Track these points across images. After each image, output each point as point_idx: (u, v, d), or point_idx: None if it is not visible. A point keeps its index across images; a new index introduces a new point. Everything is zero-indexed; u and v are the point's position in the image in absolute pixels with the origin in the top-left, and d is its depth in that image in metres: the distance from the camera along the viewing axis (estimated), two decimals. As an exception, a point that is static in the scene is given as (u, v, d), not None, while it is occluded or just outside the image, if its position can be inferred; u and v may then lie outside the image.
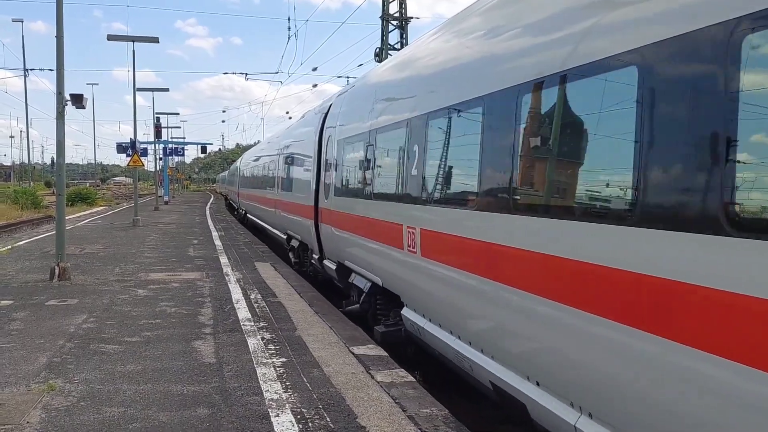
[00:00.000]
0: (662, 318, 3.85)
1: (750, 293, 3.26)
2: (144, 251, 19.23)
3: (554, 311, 4.91)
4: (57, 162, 14.56)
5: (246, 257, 18.08)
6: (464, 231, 6.53)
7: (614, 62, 4.35)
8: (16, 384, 6.81)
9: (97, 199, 60.53)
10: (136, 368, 7.42)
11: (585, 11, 4.86)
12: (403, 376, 7.17)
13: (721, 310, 3.44)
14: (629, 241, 4.10)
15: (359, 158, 10.71)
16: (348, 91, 13.16)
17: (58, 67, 13.95)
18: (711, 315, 3.51)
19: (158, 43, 30.56)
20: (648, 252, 3.95)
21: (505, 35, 6.37)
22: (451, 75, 7.39)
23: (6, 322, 9.67)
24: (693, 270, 3.61)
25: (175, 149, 64.28)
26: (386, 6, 32.34)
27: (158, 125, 48.63)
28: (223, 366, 7.49)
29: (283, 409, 6.10)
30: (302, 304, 11.18)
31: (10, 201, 47.27)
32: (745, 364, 3.29)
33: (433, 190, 7.51)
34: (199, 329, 9.31)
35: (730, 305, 3.39)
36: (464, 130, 6.89)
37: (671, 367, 3.81)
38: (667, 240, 3.80)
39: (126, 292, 12.25)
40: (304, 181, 15.97)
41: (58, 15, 13.84)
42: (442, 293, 7.23)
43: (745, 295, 3.29)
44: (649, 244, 3.94)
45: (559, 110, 5.17)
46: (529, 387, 5.46)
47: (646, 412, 4.03)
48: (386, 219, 9.05)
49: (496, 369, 5.95)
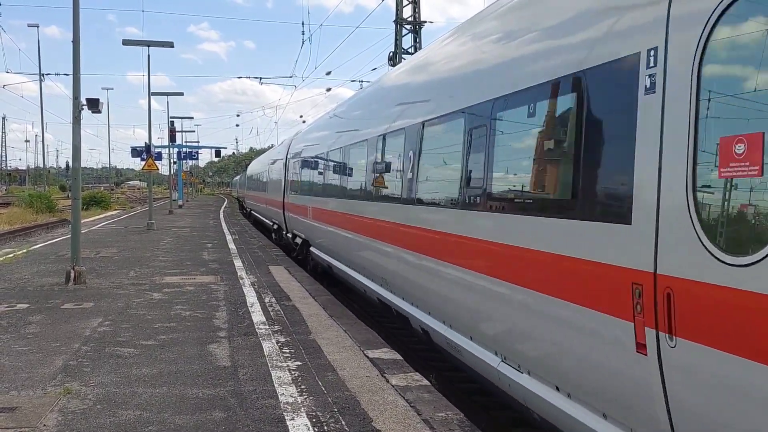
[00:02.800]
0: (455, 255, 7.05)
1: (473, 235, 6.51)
2: (158, 255, 19.31)
3: (382, 247, 9.91)
4: (72, 166, 14.61)
5: (260, 260, 18.12)
6: (325, 206, 14.53)
7: (454, 115, 7.33)
8: (32, 387, 6.84)
9: (111, 203, 60.84)
10: (151, 371, 7.44)
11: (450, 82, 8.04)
12: (417, 380, 7.14)
13: (473, 245, 6.48)
14: (458, 217, 6.94)
15: (296, 171, 20.43)
16: (298, 133, 23.93)
17: (75, 72, 14.01)
18: (464, 246, 6.74)
19: (173, 47, 30.75)
20: (470, 222, 6.66)
21: (367, 111, 12.70)
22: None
23: (22, 325, 9.73)
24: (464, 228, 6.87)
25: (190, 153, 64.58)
26: (400, 10, 32.36)
27: (172, 129, 48.88)
28: (238, 369, 7.50)
29: (298, 412, 6.09)
30: (316, 308, 11.18)
31: (25, 205, 47.56)
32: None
33: (311, 189, 17.03)
34: (214, 333, 9.33)
35: (471, 244, 6.56)
36: (335, 160, 14.36)
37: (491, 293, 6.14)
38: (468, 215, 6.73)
39: (141, 296, 12.30)
40: (277, 182, 25.19)
41: (75, 20, 13.91)
42: (322, 237, 15.52)
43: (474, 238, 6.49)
44: (471, 218, 6.65)
45: (413, 146, 8.62)
46: (378, 288, 10.37)
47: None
48: (302, 203, 18.55)
49: (361, 279, 11.50)
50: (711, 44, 3.51)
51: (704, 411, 3.53)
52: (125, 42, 30.57)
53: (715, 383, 3.43)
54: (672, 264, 3.71)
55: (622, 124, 4.18)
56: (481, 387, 7.43)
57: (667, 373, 3.75)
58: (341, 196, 12.89)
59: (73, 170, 14.62)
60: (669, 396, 3.77)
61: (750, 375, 3.18)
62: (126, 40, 30.62)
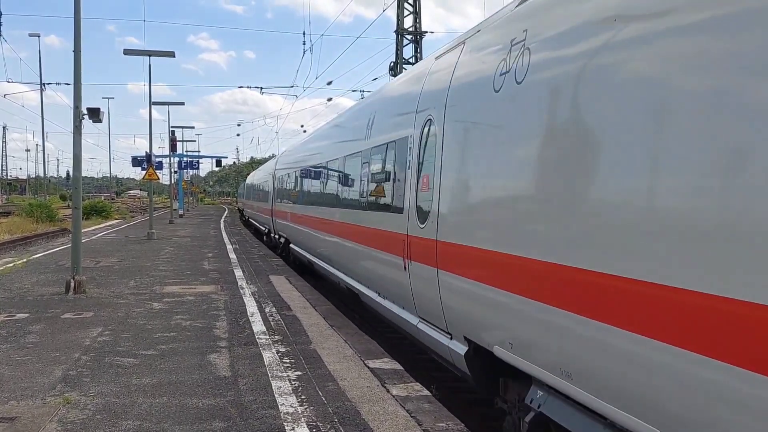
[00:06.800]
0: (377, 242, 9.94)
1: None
2: (159, 264, 19.30)
3: (326, 237, 14.46)
4: (73, 175, 14.61)
5: (260, 270, 18.11)
6: (300, 211, 18.69)
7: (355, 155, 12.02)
8: (32, 397, 6.82)
9: (112, 213, 60.77)
10: (151, 381, 7.42)
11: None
12: (418, 390, 7.12)
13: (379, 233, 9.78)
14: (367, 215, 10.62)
15: (280, 183, 25.04)
16: (285, 151, 29.71)
17: (76, 82, 14.04)
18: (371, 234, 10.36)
19: (174, 57, 30.83)
20: (372, 219, 10.18)
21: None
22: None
23: (22, 335, 9.72)
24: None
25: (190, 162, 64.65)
26: (401, 21, 32.46)
27: (173, 138, 48.96)
28: (239, 379, 7.48)
29: (298, 422, 6.07)
30: (317, 318, 11.17)
31: (26, 214, 47.53)
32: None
33: (290, 197, 21.41)
34: (214, 342, 9.31)
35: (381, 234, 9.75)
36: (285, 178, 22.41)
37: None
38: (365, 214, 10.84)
39: (141, 306, 12.28)
40: (267, 193, 29.86)
41: (76, 30, 13.96)
42: (298, 236, 19.30)
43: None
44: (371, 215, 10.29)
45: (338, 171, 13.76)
46: (328, 266, 14.64)
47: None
48: (284, 210, 22.97)
49: (301, 251, 18.85)
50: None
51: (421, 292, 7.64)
52: (126, 52, 30.58)
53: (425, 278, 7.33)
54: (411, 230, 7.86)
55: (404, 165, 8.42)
56: (482, 398, 7.41)
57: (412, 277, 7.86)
58: (310, 203, 17.10)
59: (73, 179, 14.63)
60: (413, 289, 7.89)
61: (421, 271, 7.41)
62: (127, 49, 30.66)
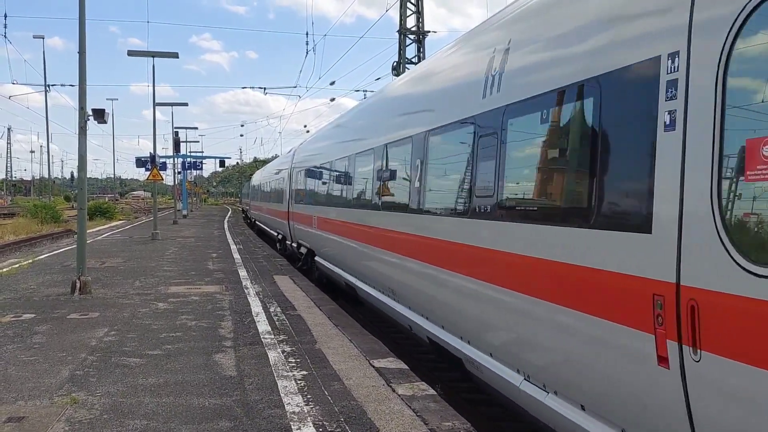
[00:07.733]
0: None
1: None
2: (163, 265, 19.34)
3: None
4: (78, 176, 14.66)
5: (265, 270, 18.13)
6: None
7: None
8: (39, 397, 6.85)
9: (116, 213, 60.92)
10: (157, 381, 7.45)
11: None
12: (424, 389, 7.13)
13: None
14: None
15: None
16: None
17: (81, 83, 14.07)
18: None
19: (177, 58, 30.83)
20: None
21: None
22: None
23: (28, 335, 9.75)
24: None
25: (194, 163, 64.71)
26: (404, 21, 32.46)
27: (177, 139, 49.01)
28: (244, 379, 7.50)
29: (305, 422, 6.08)
30: (322, 317, 11.18)
31: (31, 215, 47.64)
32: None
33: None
34: (220, 342, 9.33)
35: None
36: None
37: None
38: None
39: (146, 306, 12.31)
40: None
41: (81, 32, 13.98)
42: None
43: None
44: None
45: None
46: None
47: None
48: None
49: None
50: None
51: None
52: (130, 53, 30.55)
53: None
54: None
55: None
56: (487, 397, 7.42)
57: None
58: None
59: (79, 180, 14.68)
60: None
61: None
62: (131, 51, 30.63)
